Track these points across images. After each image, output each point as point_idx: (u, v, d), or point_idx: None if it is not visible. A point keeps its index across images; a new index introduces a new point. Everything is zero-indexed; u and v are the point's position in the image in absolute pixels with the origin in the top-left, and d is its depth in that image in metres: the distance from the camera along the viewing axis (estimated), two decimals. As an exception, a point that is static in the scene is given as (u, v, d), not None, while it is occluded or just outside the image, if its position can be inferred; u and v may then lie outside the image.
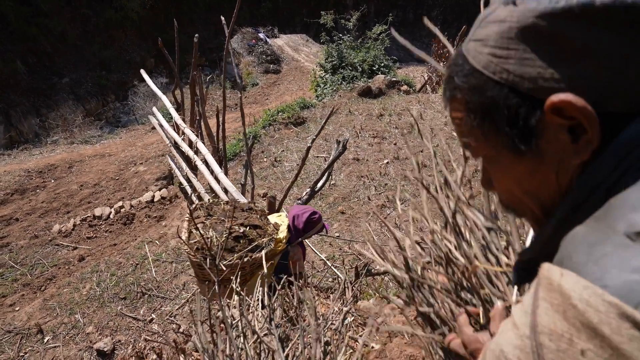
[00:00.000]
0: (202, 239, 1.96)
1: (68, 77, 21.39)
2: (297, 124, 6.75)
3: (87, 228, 5.25)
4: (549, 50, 0.45)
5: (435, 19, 32.16)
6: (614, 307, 0.34)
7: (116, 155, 9.77)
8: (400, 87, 7.93)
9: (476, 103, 0.50)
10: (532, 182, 0.51)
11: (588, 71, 0.44)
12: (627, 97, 0.43)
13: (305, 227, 2.38)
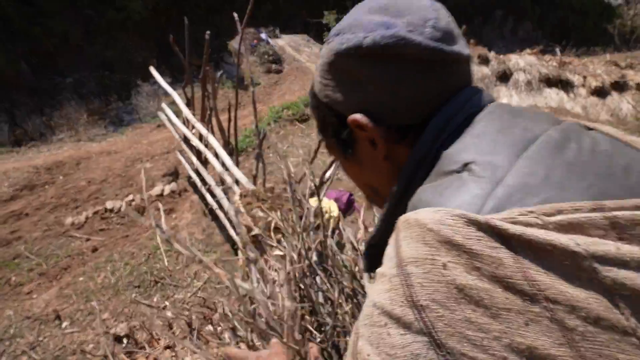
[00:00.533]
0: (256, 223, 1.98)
1: (71, 77, 21.52)
2: (302, 121, 6.91)
3: (99, 220, 5.40)
4: (345, 80, 0.61)
5: (436, 20, 32.32)
6: (461, 218, 0.42)
7: (122, 153, 9.92)
8: (402, 86, 8.08)
9: (317, 119, 0.67)
10: (365, 177, 0.68)
11: (371, 95, 0.59)
12: (408, 113, 0.59)
13: (346, 208, 2.55)
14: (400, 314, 0.44)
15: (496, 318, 0.40)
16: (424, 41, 0.56)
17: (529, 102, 8.15)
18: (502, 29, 34.15)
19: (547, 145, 0.50)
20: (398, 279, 0.45)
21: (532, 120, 0.55)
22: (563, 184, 0.46)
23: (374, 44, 0.57)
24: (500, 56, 8.92)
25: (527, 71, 8.46)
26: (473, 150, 0.52)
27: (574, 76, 8.46)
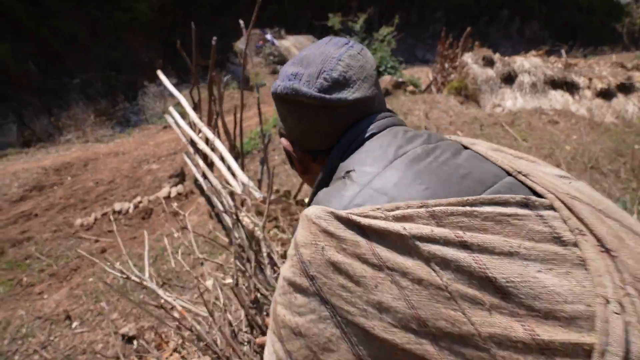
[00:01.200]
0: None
1: (79, 77, 21.74)
2: (306, 123, 6.99)
3: (108, 222, 5.49)
4: (279, 114, 0.85)
5: (439, 21, 32.32)
6: (331, 214, 0.63)
7: (129, 154, 10.02)
8: (406, 88, 8.13)
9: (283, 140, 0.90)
10: (305, 182, 0.94)
11: (289, 127, 0.84)
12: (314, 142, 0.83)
13: None
14: (300, 282, 0.64)
15: (357, 283, 0.60)
16: (310, 92, 0.76)
17: (533, 104, 8.17)
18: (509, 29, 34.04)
19: (407, 159, 0.68)
20: (296, 258, 0.66)
21: (408, 140, 0.74)
22: (407, 188, 0.64)
23: (279, 92, 0.80)
24: (506, 58, 8.93)
25: (532, 73, 8.47)
26: (356, 163, 0.72)
27: (580, 78, 8.46)
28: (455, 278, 0.57)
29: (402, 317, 0.58)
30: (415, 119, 7.16)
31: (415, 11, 32.57)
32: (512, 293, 0.55)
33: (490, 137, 6.72)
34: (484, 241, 0.58)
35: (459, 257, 0.57)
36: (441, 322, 0.56)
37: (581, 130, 6.99)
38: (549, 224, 0.61)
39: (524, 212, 0.61)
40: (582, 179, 5.74)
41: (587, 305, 0.55)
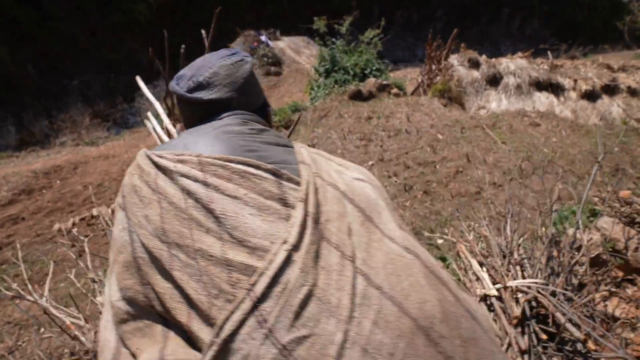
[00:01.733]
0: None
1: (78, 79, 21.93)
2: (287, 127, 7.01)
3: (86, 227, 5.56)
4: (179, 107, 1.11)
5: (439, 19, 32.19)
6: (144, 154, 0.92)
7: (120, 157, 10.08)
8: (390, 90, 8.15)
9: None
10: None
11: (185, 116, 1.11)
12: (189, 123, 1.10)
13: None
14: (119, 201, 0.92)
15: (142, 201, 0.86)
16: (178, 90, 1.05)
17: (518, 106, 8.17)
18: (510, 28, 33.87)
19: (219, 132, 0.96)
20: (120, 200, 0.92)
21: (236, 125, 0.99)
22: (201, 146, 0.92)
23: (169, 88, 1.10)
24: (493, 60, 8.93)
25: (517, 75, 8.46)
26: (187, 134, 1.01)
27: (565, 79, 8.44)
28: (194, 205, 0.82)
29: (156, 227, 0.82)
30: (397, 122, 7.18)
31: (415, 10, 32.45)
32: (223, 222, 0.80)
33: (471, 140, 6.73)
34: (220, 184, 0.83)
35: (199, 191, 0.83)
36: (175, 234, 0.80)
37: (562, 133, 6.99)
38: (282, 189, 0.87)
39: (266, 176, 0.87)
40: (556, 181, 5.73)
41: (270, 242, 0.79)
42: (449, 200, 5.45)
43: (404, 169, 6.04)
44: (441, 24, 33.24)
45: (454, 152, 6.40)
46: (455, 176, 5.91)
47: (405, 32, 32.33)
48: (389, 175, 5.90)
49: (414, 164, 6.15)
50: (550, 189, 3.07)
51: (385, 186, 5.72)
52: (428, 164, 6.14)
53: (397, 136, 6.82)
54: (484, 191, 5.63)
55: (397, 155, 6.33)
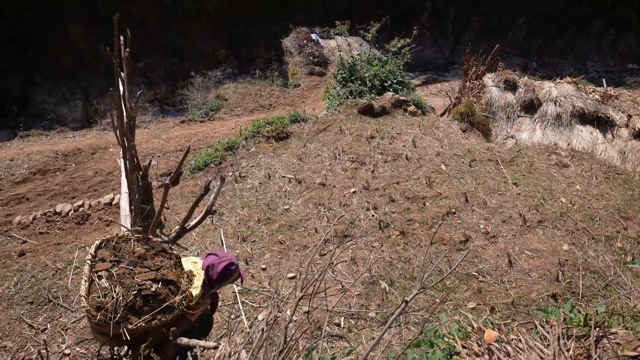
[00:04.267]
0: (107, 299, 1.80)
1: (143, 61, 22.83)
2: (279, 139, 6.54)
3: (44, 223, 5.47)
4: None
5: (520, 27, 30.04)
6: None
7: (138, 146, 10.07)
8: (407, 107, 7.39)
9: None
10: None
11: None
12: None
13: (220, 279, 2.28)
14: None
15: None
16: None
17: (553, 139, 7.08)
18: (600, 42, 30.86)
19: None
20: None
21: None
22: None
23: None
24: (536, 82, 7.85)
25: (559, 103, 7.35)
26: None
27: (617, 114, 7.21)
28: None
29: None
30: (400, 145, 6.46)
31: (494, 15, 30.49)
32: None
33: (477, 176, 5.88)
34: None
35: None
36: None
37: (592, 179, 5.91)
38: None
39: None
40: (563, 241, 4.80)
41: None
42: (425, 247, 4.72)
43: (387, 202, 5.35)
44: (521, 33, 31.07)
45: (452, 189, 5.60)
46: (444, 218, 5.13)
47: (480, 39, 30.50)
48: (368, 208, 5.24)
49: (401, 197, 5.44)
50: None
51: (359, 220, 5.09)
52: (417, 199, 5.40)
53: (395, 162, 6.11)
54: (472, 241, 4.82)
55: (385, 185, 5.64)
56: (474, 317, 3.97)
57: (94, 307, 1.77)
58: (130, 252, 2.10)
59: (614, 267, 4.52)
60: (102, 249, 2.06)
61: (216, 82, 18.91)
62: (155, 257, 2.12)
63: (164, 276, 2.00)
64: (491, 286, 4.32)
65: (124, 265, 1.98)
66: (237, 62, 23.96)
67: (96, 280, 1.88)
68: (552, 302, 4.15)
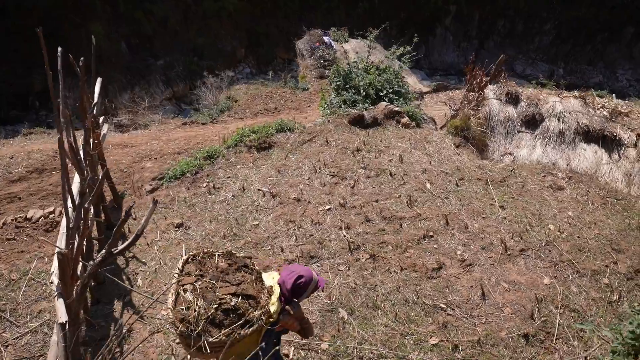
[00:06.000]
0: (189, 312, 1.91)
1: (163, 59, 23.07)
2: (261, 149, 6.34)
3: (13, 229, 5.41)
4: None
5: (547, 33, 29.14)
6: None
7: (137, 147, 10.08)
8: (400, 119, 7.08)
9: None
10: None
11: None
12: None
13: (294, 294, 2.29)
14: None
15: None
16: None
17: (554, 157, 6.66)
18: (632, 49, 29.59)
19: None
20: None
21: None
22: None
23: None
24: (540, 96, 7.42)
25: (563, 119, 6.91)
26: None
27: (626, 132, 6.74)
28: None
29: None
30: (385, 160, 6.18)
31: (521, 20, 29.64)
32: None
33: (463, 196, 5.55)
34: None
35: None
36: None
37: (588, 205, 5.50)
38: None
39: None
40: (544, 274, 4.45)
41: None
42: (395, 273, 4.44)
43: (362, 222, 5.09)
44: (548, 39, 30.16)
45: (434, 209, 5.29)
46: (420, 242, 4.84)
47: (505, 44, 29.78)
48: (340, 227, 4.99)
49: (377, 217, 5.16)
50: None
51: (329, 241, 4.85)
52: (395, 219, 5.12)
53: (378, 177, 5.84)
54: (445, 269, 4.52)
55: (363, 203, 5.38)
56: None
57: (178, 319, 1.90)
58: (214, 266, 2.19)
59: (596, 306, 4.15)
60: (189, 264, 2.18)
61: (229, 82, 18.85)
62: (237, 272, 2.20)
63: (244, 291, 2.07)
64: (459, 320, 4.02)
65: (207, 279, 2.08)
66: (256, 61, 23.95)
67: (181, 294, 2.00)
68: (523, 342, 3.82)
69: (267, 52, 23.73)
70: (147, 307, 4.02)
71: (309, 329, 2.44)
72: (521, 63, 28.85)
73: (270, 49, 23.63)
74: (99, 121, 5.79)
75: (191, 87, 21.74)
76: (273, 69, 22.61)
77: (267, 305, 2.10)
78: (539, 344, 3.82)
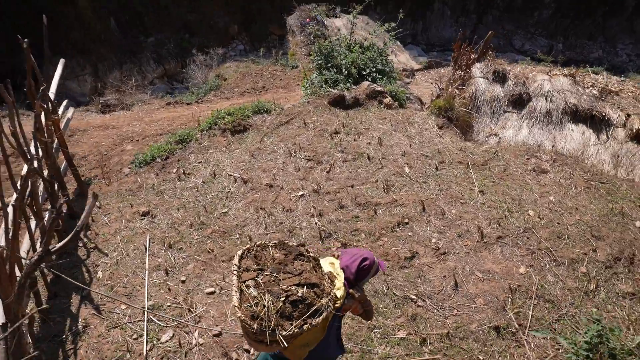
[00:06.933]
0: (259, 307, 1.88)
1: (154, 37, 22.55)
2: (235, 132, 6.11)
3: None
4: None
5: (547, 7, 28.44)
6: None
7: (118, 129, 9.82)
8: (382, 99, 6.83)
9: None
10: None
11: None
12: None
13: (358, 277, 2.30)
14: None
15: None
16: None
17: (540, 138, 6.44)
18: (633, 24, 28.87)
19: None
20: None
21: None
22: None
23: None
24: (529, 74, 7.14)
25: (551, 98, 6.66)
26: None
27: (615, 112, 6.49)
28: None
29: None
30: (363, 143, 5.96)
31: (521, -7, 28.89)
32: None
33: (442, 180, 5.35)
34: None
35: None
36: None
37: (571, 189, 5.31)
38: None
39: None
40: (521, 262, 4.29)
41: None
42: (366, 262, 4.28)
43: (335, 209, 4.90)
44: (547, 13, 29.45)
45: (411, 195, 5.10)
46: (394, 229, 4.67)
47: (504, 18, 29.17)
48: (313, 214, 4.81)
49: (352, 203, 4.98)
50: None
51: (300, 229, 4.68)
52: (370, 205, 4.94)
53: (355, 161, 5.63)
54: (419, 258, 4.36)
55: (338, 188, 5.19)
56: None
57: (249, 317, 1.85)
58: (271, 258, 2.14)
59: (572, 296, 4.01)
60: (245, 259, 2.12)
61: (220, 60, 18.41)
62: (294, 261, 2.16)
63: (307, 280, 2.04)
64: (429, 312, 3.88)
65: (267, 272, 2.04)
66: (249, 38, 23.40)
67: (245, 290, 1.95)
68: (493, 335, 3.69)
69: (260, 28, 23.18)
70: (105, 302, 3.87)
71: (370, 311, 2.43)
72: (520, 38, 28.25)
73: (264, 25, 23.07)
74: (60, 105, 5.56)
75: (183, 64, 21.27)
76: (267, 45, 22.11)
77: (332, 291, 2.09)
78: (510, 337, 3.69)
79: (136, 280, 4.10)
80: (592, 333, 1.84)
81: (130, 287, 4.04)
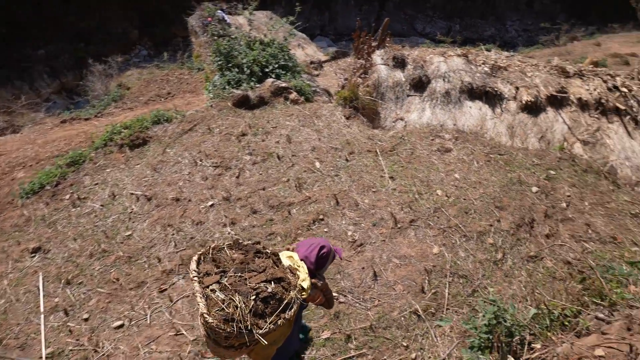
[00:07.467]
0: (231, 309, 1.81)
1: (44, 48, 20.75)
2: (134, 146, 5.70)
3: None
4: None
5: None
6: None
7: (7, 155, 8.85)
8: (288, 95, 6.72)
9: None
10: None
11: None
12: None
13: (317, 266, 2.33)
14: None
15: None
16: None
17: (443, 118, 6.68)
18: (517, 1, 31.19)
19: None
20: None
21: None
22: None
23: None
24: (426, 57, 7.37)
25: (448, 79, 6.93)
26: None
27: (506, 86, 6.90)
28: None
29: None
30: (272, 143, 5.82)
31: (416, -22, 30.10)
32: None
33: (354, 171, 5.36)
34: None
35: None
36: None
37: (473, 164, 5.55)
38: None
39: None
40: (434, 242, 4.40)
41: None
42: (284, 266, 4.18)
43: (248, 215, 4.73)
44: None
45: (323, 190, 5.05)
46: (310, 227, 4.59)
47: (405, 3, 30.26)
48: (225, 224, 4.60)
49: (265, 206, 4.83)
50: None
51: (212, 241, 4.45)
52: (283, 206, 4.82)
53: (265, 162, 5.48)
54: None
55: (250, 192, 5.01)
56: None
57: (221, 321, 1.78)
58: (230, 259, 2.09)
59: (483, 268, 4.17)
60: (203, 264, 2.04)
61: (120, 68, 17.32)
62: (255, 259, 2.13)
63: (273, 275, 2.02)
64: (351, 307, 3.85)
65: (231, 273, 1.98)
66: (153, 43, 22.24)
67: (211, 295, 1.88)
68: (415, 319, 3.73)
69: (163, 31, 22.14)
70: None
71: (332, 299, 2.45)
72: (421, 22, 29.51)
73: (167, 27, 22.05)
74: None
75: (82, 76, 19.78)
76: (172, 49, 21.15)
77: (297, 283, 2.09)
78: (431, 318, 3.76)
79: (30, 327, 3.67)
80: (490, 316, 1.87)
81: (24, 336, 3.60)
